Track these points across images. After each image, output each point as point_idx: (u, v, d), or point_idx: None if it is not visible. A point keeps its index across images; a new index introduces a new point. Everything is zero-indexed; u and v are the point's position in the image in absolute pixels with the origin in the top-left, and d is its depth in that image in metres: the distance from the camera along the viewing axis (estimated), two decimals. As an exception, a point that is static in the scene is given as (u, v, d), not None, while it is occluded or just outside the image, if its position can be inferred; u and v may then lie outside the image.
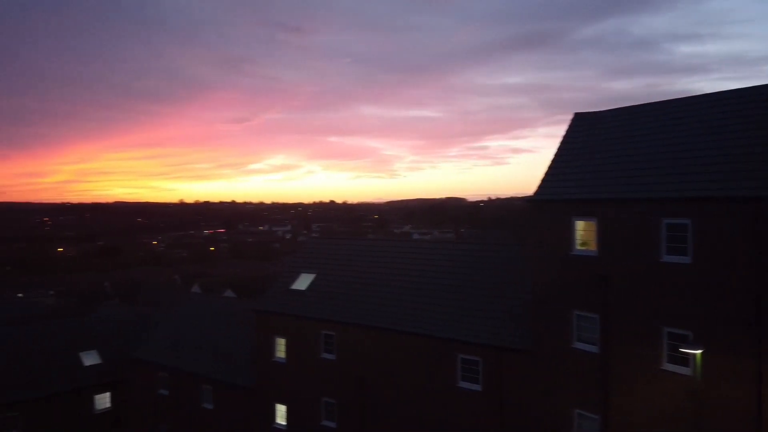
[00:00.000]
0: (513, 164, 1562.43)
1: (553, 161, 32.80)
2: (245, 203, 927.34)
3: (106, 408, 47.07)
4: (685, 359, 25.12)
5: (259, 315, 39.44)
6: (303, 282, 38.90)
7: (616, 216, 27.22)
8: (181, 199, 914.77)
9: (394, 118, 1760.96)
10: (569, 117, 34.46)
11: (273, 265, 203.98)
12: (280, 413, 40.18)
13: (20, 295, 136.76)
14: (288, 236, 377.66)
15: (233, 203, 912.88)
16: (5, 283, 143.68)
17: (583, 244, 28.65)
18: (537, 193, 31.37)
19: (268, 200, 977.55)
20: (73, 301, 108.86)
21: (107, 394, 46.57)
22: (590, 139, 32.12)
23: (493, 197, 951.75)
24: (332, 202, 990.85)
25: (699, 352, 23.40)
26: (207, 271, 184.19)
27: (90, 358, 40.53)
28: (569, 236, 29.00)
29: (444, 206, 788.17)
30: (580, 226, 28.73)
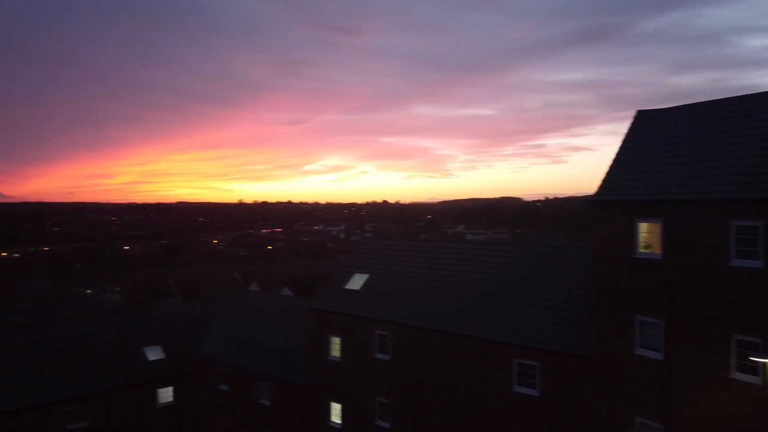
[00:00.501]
0: (571, 163, 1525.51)
1: (615, 160, 31.76)
2: (301, 203, 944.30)
3: (169, 402, 48.48)
4: (755, 368, 23.86)
5: (314, 313, 39.82)
6: (357, 282, 39.08)
7: (681, 218, 26.09)
8: (240, 200, 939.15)
9: (447, 117, 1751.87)
10: (631, 114, 33.34)
11: (328, 263, 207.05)
12: (335, 411, 40.54)
13: (89, 291, 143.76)
14: (342, 236, 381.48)
15: (289, 203, 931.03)
16: (76, 281, 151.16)
17: (647, 246, 27.59)
18: (598, 193, 30.44)
19: (322, 200, 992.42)
20: (138, 298, 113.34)
21: (170, 389, 47.89)
22: (654, 138, 30.95)
23: (551, 197, 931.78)
24: (385, 202, 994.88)
25: (771, 361, 22.22)
26: (265, 269, 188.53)
27: (154, 353, 41.83)
28: (632, 238, 28.00)
29: (499, 206, 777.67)
30: (643, 228, 27.68)
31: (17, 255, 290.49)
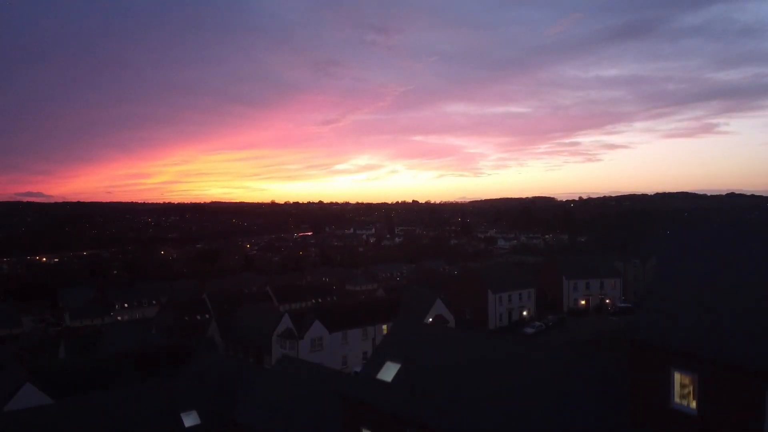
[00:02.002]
0: (607, 161, 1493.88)
1: (654, 288, 29.90)
2: (332, 203, 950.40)
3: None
4: None
5: (345, 401, 36.33)
6: (388, 372, 35.59)
7: (718, 376, 24.46)
8: (273, 200, 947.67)
9: (479, 115, 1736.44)
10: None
11: (358, 273, 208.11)
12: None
13: (126, 305, 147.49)
14: (372, 240, 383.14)
15: (320, 203, 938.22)
16: (114, 293, 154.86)
17: (683, 398, 25.88)
18: (637, 329, 28.40)
19: (353, 200, 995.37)
20: (174, 315, 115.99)
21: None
22: (693, 266, 28.79)
23: (585, 197, 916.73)
24: (415, 202, 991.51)
25: None
26: (297, 280, 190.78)
27: (190, 419, 41.00)
28: (667, 387, 26.21)
29: (532, 206, 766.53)
30: (678, 378, 25.91)
31: (57, 260, 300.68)
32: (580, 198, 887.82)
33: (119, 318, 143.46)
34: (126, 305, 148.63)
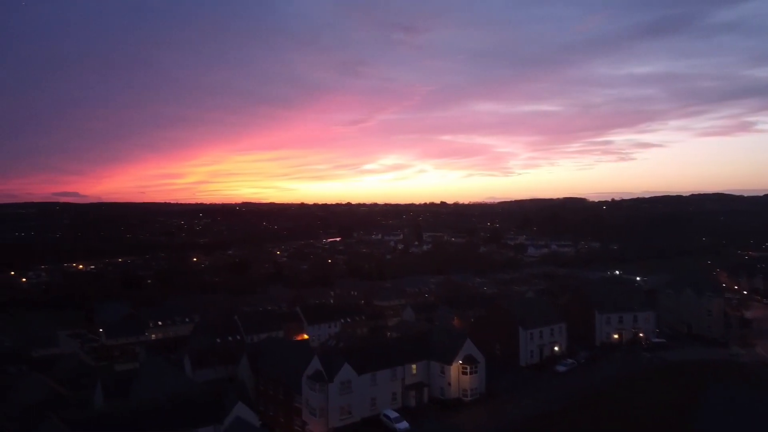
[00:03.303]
0: (640, 160, 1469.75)
1: None
2: (359, 205, 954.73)
3: None
4: None
5: None
6: None
7: None
8: (302, 202, 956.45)
9: (509, 113, 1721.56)
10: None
11: (386, 287, 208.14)
12: None
13: (160, 323, 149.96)
14: (400, 246, 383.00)
15: (349, 205, 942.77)
16: (147, 311, 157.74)
17: None
18: None
19: (381, 201, 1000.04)
20: (207, 342, 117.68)
21: None
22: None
23: (617, 198, 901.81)
24: (443, 203, 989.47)
25: None
26: (325, 294, 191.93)
27: None
28: None
29: (563, 208, 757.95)
30: None
31: (93, 266, 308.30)
32: (612, 199, 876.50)
33: (153, 336, 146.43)
34: (159, 323, 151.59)
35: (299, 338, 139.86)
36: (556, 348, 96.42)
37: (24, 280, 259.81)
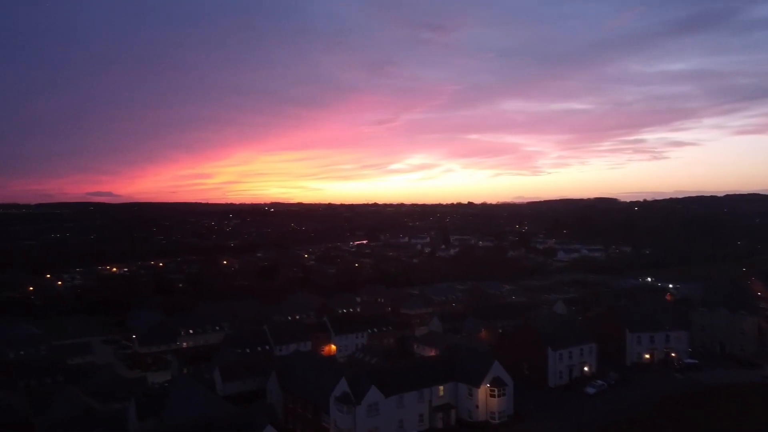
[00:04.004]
0: (673, 159, 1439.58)
1: None
2: (386, 205, 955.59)
3: None
4: None
5: None
6: None
7: None
8: (330, 202, 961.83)
9: (538, 112, 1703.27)
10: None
11: (412, 295, 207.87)
12: None
13: (191, 331, 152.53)
14: (427, 250, 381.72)
15: (375, 205, 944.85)
16: (178, 318, 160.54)
17: None
18: None
19: (407, 201, 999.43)
20: (236, 353, 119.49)
21: None
22: None
23: (649, 198, 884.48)
24: (470, 203, 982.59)
25: None
26: (351, 302, 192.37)
27: None
28: None
29: (593, 209, 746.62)
30: None
31: (126, 269, 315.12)
32: (645, 200, 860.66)
33: (184, 344, 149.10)
34: (191, 331, 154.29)
35: (326, 349, 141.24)
36: (585, 368, 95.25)
37: (60, 283, 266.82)
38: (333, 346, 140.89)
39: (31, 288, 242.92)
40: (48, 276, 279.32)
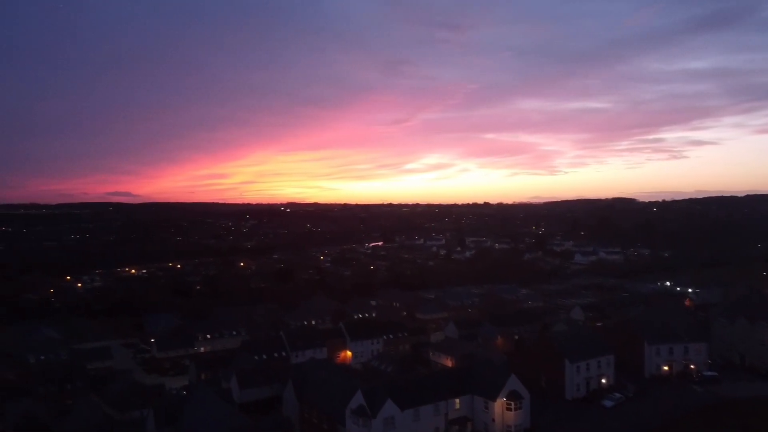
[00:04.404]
0: (693, 158, 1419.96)
1: None
2: (401, 205, 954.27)
3: None
4: None
5: None
6: None
7: None
8: (345, 202, 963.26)
9: (555, 111, 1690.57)
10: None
11: (429, 300, 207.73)
12: None
13: (208, 336, 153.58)
14: (443, 252, 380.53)
15: (390, 205, 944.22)
16: (195, 323, 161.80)
17: None
18: None
19: (423, 200, 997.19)
20: (253, 361, 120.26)
21: None
22: None
23: (668, 198, 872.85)
24: (486, 204, 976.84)
25: None
26: (367, 306, 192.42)
27: None
28: None
29: (611, 209, 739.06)
30: None
31: (144, 271, 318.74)
32: (663, 200, 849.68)
33: (202, 349, 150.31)
34: (208, 336, 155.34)
35: (342, 355, 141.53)
36: (603, 380, 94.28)
37: (80, 285, 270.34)
38: (348, 353, 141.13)
39: (52, 290, 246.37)
40: (68, 278, 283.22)
